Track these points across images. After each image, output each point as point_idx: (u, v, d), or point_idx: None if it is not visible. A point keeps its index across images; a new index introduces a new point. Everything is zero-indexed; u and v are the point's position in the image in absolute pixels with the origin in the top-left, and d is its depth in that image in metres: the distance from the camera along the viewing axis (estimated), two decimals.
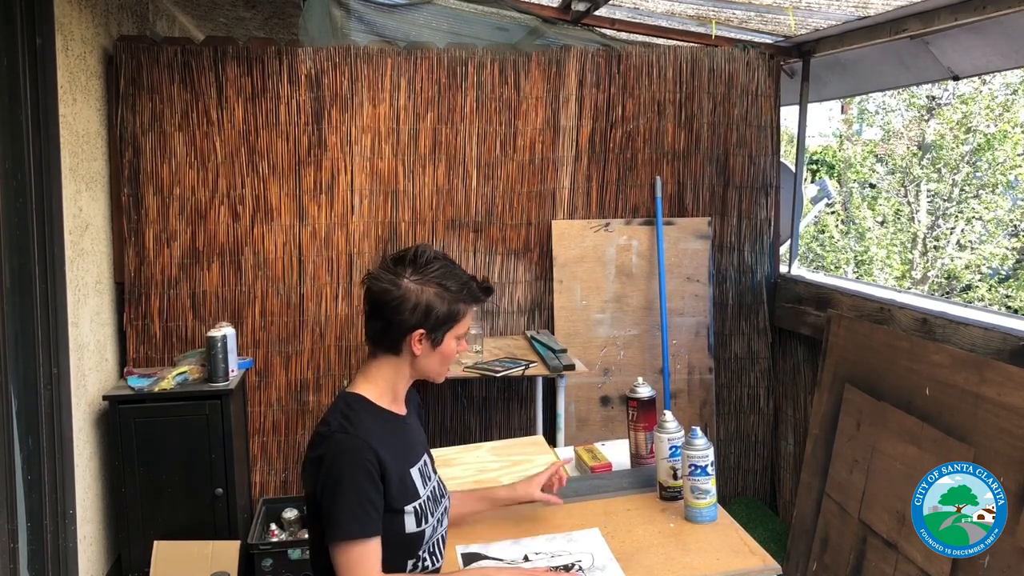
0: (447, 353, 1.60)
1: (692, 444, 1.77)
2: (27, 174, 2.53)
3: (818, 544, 3.17)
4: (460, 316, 1.59)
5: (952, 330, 2.76)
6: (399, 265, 1.56)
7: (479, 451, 2.37)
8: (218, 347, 3.08)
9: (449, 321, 1.57)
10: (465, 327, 1.62)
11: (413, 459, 1.60)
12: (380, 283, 1.54)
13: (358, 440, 1.47)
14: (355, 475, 1.45)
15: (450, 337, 1.59)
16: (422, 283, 1.54)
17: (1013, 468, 2.26)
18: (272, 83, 3.52)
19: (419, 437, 1.69)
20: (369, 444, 1.48)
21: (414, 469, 1.59)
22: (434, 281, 1.55)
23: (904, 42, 3.33)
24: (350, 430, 1.48)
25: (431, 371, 1.62)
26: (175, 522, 3.08)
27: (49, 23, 2.65)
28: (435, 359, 1.59)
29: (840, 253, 9.50)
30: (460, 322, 1.60)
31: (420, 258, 1.57)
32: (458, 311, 1.58)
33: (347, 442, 1.47)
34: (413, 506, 1.54)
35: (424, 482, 1.60)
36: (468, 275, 1.62)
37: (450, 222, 3.74)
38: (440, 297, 1.55)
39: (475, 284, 1.61)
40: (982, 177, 8.59)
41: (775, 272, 4.05)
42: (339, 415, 1.52)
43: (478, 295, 1.61)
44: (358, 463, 1.46)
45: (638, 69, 3.82)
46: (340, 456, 1.46)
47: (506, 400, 3.88)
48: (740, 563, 1.60)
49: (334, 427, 1.49)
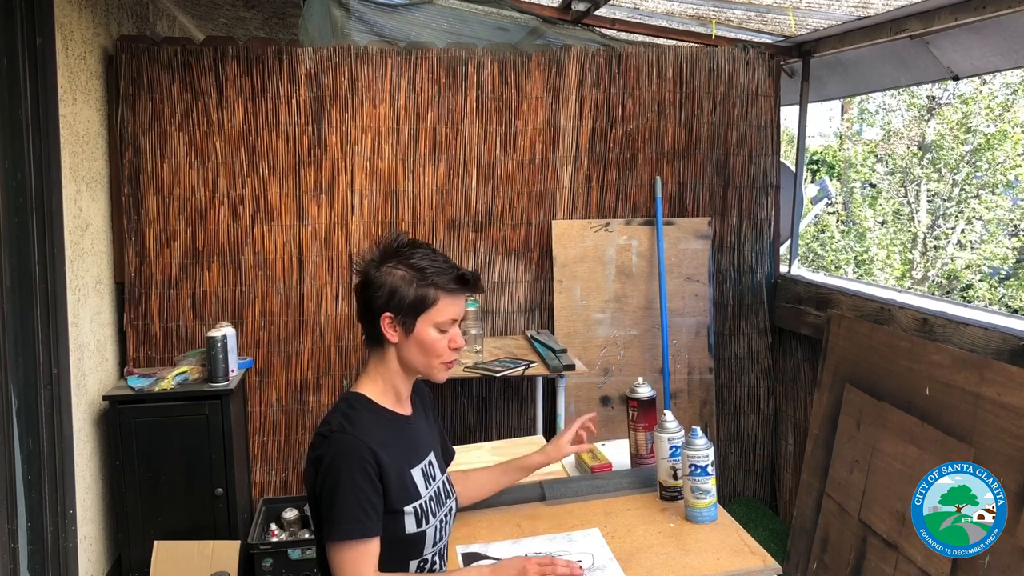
0: (425, 342, 1.55)
1: (692, 444, 1.77)
2: (27, 174, 2.53)
3: (818, 544, 3.17)
4: (431, 301, 1.54)
5: (952, 330, 2.76)
6: (380, 252, 1.58)
7: (479, 451, 2.37)
8: (218, 347, 3.08)
9: (418, 306, 1.54)
10: (445, 316, 1.56)
11: (415, 459, 1.60)
12: (358, 268, 1.59)
13: (357, 440, 1.47)
14: (353, 475, 1.45)
15: (425, 324, 1.55)
16: (393, 267, 1.55)
17: (1013, 468, 2.26)
18: (272, 83, 3.52)
19: (426, 437, 1.69)
20: (367, 444, 1.48)
21: (416, 469, 1.58)
22: (405, 264, 1.55)
23: (904, 42, 3.33)
24: (349, 430, 1.49)
25: (416, 363, 1.58)
26: (175, 522, 3.08)
27: (49, 23, 2.65)
28: (414, 348, 1.56)
29: (840, 253, 9.50)
30: (434, 308, 1.55)
31: (396, 244, 1.58)
32: (427, 295, 1.54)
33: (346, 442, 1.47)
34: (413, 506, 1.54)
35: (427, 482, 1.60)
36: (449, 264, 1.57)
37: (450, 222, 3.74)
38: (407, 280, 1.53)
39: (452, 272, 1.56)
40: (982, 177, 8.60)
41: (775, 272, 4.05)
42: (340, 415, 1.52)
43: (450, 283, 1.55)
44: (356, 463, 1.46)
45: (638, 69, 3.83)
46: (338, 457, 1.46)
47: (506, 400, 3.88)
48: (740, 563, 1.60)
49: (334, 427, 1.50)
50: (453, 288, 1.56)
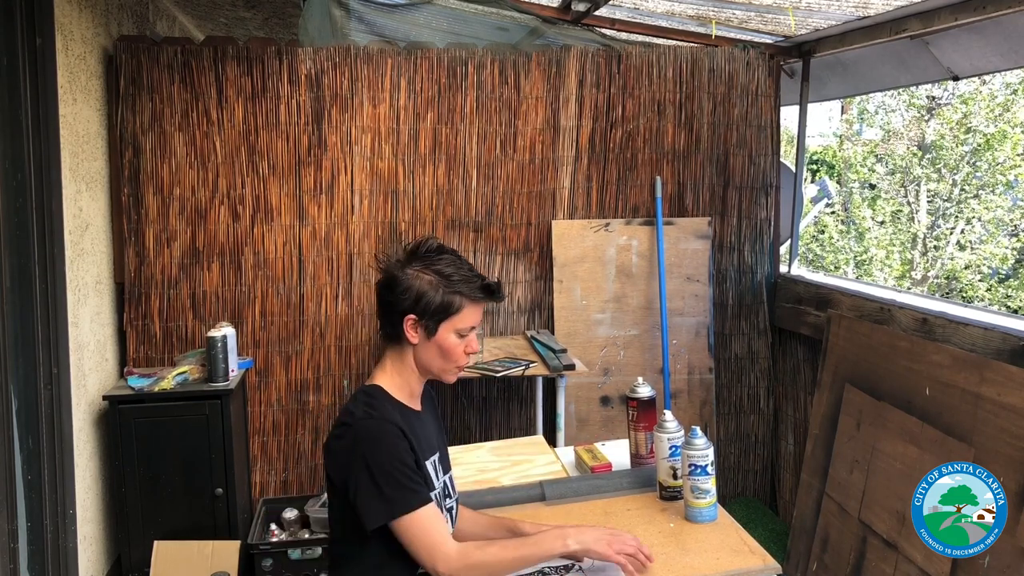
0: (445, 347, 1.59)
1: (692, 444, 1.77)
2: (27, 174, 2.53)
3: (818, 544, 3.17)
4: (455, 308, 1.58)
5: (952, 330, 2.76)
6: (407, 253, 1.61)
7: (479, 451, 2.37)
8: (218, 347, 3.08)
9: (443, 311, 1.57)
10: (466, 323, 1.60)
11: (428, 453, 1.63)
12: (383, 267, 1.61)
13: (386, 423, 1.52)
14: (392, 453, 1.49)
15: (447, 329, 1.58)
16: (420, 270, 1.58)
17: (1013, 468, 2.26)
18: (272, 83, 3.52)
19: (433, 434, 1.71)
20: (397, 424, 1.52)
21: (428, 462, 1.61)
22: (432, 270, 1.58)
23: (904, 42, 3.33)
24: (375, 415, 1.53)
25: (433, 365, 1.61)
26: (175, 522, 3.08)
27: (49, 23, 2.65)
28: (433, 351, 1.59)
29: (840, 253, 9.50)
30: (457, 315, 1.58)
31: (425, 248, 1.61)
32: (452, 302, 1.57)
33: (377, 426, 1.51)
34: (433, 495, 1.56)
35: (437, 476, 1.64)
36: (474, 273, 1.61)
37: (450, 222, 3.74)
38: (434, 285, 1.57)
39: (478, 281, 1.60)
40: (982, 177, 8.59)
41: (775, 272, 4.05)
42: (362, 404, 1.56)
43: (476, 292, 1.59)
44: (393, 442, 1.50)
45: (638, 69, 3.82)
46: (373, 440, 1.50)
47: (506, 400, 3.88)
48: (740, 563, 1.60)
49: (359, 415, 1.53)
50: (478, 297, 1.60)
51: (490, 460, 2.28)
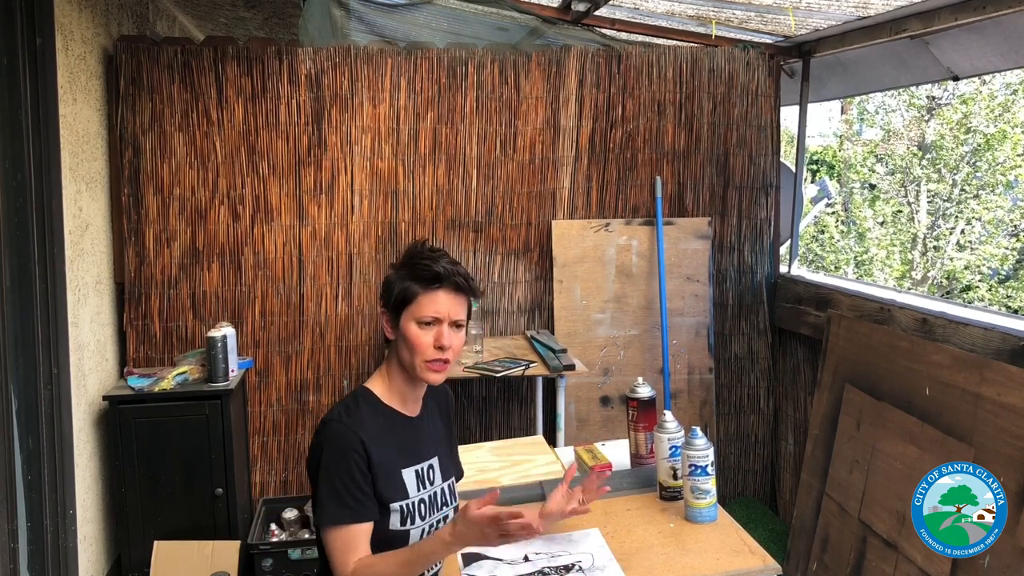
0: (409, 339, 1.57)
1: (692, 444, 1.77)
2: (27, 174, 2.53)
3: (818, 544, 3.17)
4: (410, 296, 1.57)
5: (952, 330, 2.76)
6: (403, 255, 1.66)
7: (479, 451, 2.37)
8: (218, 347, 3.08)
9: (402, 302, 1.58)
10: (425, 312, 1.56)
11: (411, 460, 1.62)
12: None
13: (348, 430, 1.53)
14: (341, 462, 1.51)
15: (407, 319, 1.57)
16: (398, 267, 1.63)
17: (1013, 468, 2.26)
18: (272, 83, 3.52)
19: (431, 441, 1.70)
20: (358, 435, 1.53)
21: (409, 470, 1.61)
22: (403, 264, 1.62)
23: (904, 42, 3.33)
24: (344, 420, 1.55)
25: (405, 360, 1.60)
26: (175, 522, 3.08)
27: (49, 23, 2.65)
28: (402, 345, 1.60)
29: (840, 253, 9.50)
30: (414, 303, 1.56)
31: (412, 248, 1.64)
32: (406, 290, 1.57)
33: (339, 431, 1.53)
34: (399, 504, 1.57)
35: (420, 485, 1.62)
36: (431, 258, 1.57)
37: (450, 222, 3.74)
38: (397, 275, 1.61)
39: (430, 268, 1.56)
40: (982, 177, 8.59)
41: (775, 272, 4.05)
42: (343, 406, 1.59)
43: (425, 278, 1.56)
44: (345, 451, 1.51)
45: (638, 69, 3.82)
46: (330, 444, 1.52)
47: (506, 400, 3.88)
48: (740, 563, 1.60)
49: (333, 416, 1.56)
50: (430, 284, 1.57)
51: (490, 460, 2.28)
